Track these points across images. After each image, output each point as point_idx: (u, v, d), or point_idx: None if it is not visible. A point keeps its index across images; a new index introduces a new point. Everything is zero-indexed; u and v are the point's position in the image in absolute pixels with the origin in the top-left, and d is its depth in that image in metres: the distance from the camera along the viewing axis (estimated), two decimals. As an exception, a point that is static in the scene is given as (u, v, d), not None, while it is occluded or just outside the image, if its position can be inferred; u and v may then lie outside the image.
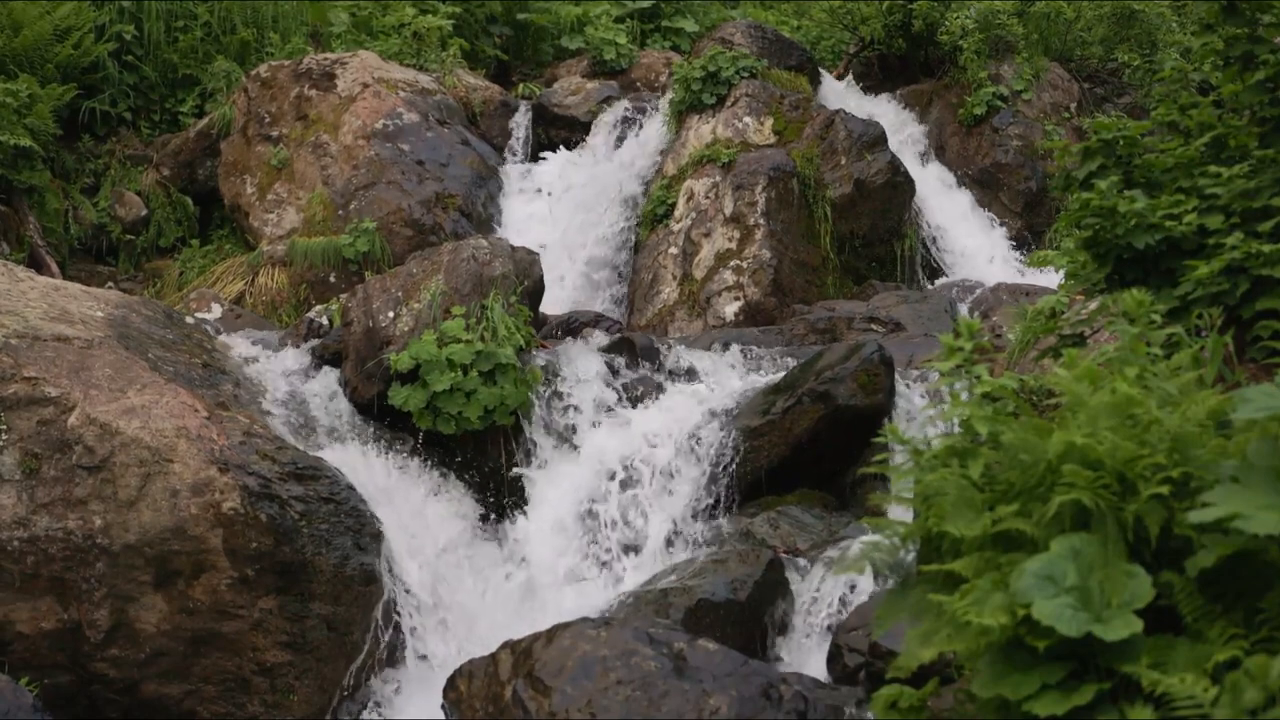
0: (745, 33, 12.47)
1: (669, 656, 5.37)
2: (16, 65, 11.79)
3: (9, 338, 6.71)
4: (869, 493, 7.10)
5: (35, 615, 6.36)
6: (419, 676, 6.90)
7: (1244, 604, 3.05)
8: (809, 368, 7.78)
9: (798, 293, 10.65)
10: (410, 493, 7.53)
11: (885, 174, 11.13)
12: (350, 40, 13.62)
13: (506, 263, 8.26)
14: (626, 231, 11.61)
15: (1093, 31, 13.38)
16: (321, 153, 11.69)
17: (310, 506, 6.68)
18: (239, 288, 11.05)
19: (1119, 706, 2.97)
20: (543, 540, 7.62)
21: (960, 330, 4.11)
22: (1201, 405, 3.37)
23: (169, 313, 8.09)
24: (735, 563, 6.66)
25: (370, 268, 10.60)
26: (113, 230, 11.97)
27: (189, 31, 12.95)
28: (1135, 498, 3.17)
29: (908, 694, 3.61)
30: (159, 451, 6.51)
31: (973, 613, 3.09)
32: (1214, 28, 5.67)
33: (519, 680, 5.48)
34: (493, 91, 13.14)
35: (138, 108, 12.85)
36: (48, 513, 6.39)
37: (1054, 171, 10.46)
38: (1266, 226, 4.97)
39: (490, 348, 7.71)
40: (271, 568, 6.53)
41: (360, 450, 7.53)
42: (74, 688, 6.45)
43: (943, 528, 3.36)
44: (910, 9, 13.07)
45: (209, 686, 6.54)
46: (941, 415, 3.89)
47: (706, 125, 11.54)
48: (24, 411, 6.50)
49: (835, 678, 5.81)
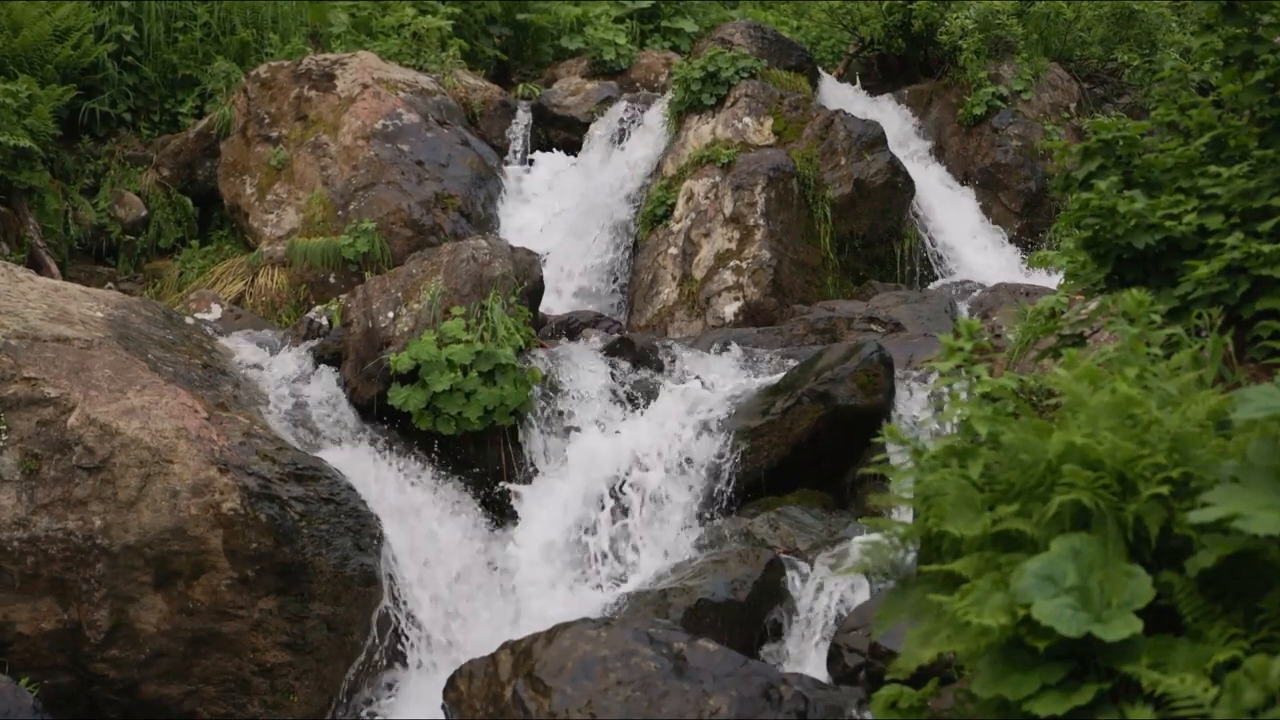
0: (745, 33, 12.47)
1: (669, 657, 5.37)
2: (16, 66, 11.79)
3: (9, 338, 6.71)
4: (869, 493, 7.09)
5: (35, 616, 6.36)
6: (419, 677, 6.90)
7: (1244, 604, 3.05)
8: (809, 368, 7.78)
9: (797, 293, 10.65)
10: (410, 493, 7.53)
11: (885, 174, 11.13)
12: (350, 41, 13.61)
13: (506, 263, 8.26)
14: (625, 233, 11.60)
15: (1092, 31, 13.39)
16: (321, 153, 11.69)
17: (310, 507, 6.68)
18: (239, 288, 11.05)
19: (1119, 707, 2.97)
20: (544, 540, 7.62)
21: (960, 330, 4.11)
22: (1201, 405, 3.37)
23: (169, 313, 8.09)
24: (735, 563, 6.66)
25: (370, 268, 10.60)
26: (112, 231, 11.97)
27: (188, 32, 12.95)
28: (1135, 498, 3.16)
29: (908, 694, 3.61)
30: (159, 452, 6.51)
31: (973, 613, 3.09)
32: (1213, 28, 5.67)
33: (519, 680, 5.48)
34: (492, 92, 13.14)
35: (137, 108, 12.84)
36: (48, 513, 6.38)
37: (1054, 171, 10.47)
38: (1266, 226, 4.97)
39: (490, 348, 7.71)
40: (271, 568, 6.53)
41: (360, 451, 7.53)
42: (74, 688, 6.45)
43: (943, 528, 3.36)
44: (910, 9, 13.08)
45: (209, 687, 6.54)
46: (940, 416, 3.89)
47: (706, 125, 11.54)
48: (24, 412, 6.50)
49: (835, 678, 5.81)
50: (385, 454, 7.59)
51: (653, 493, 7.58)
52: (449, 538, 7.51)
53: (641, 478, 7.63)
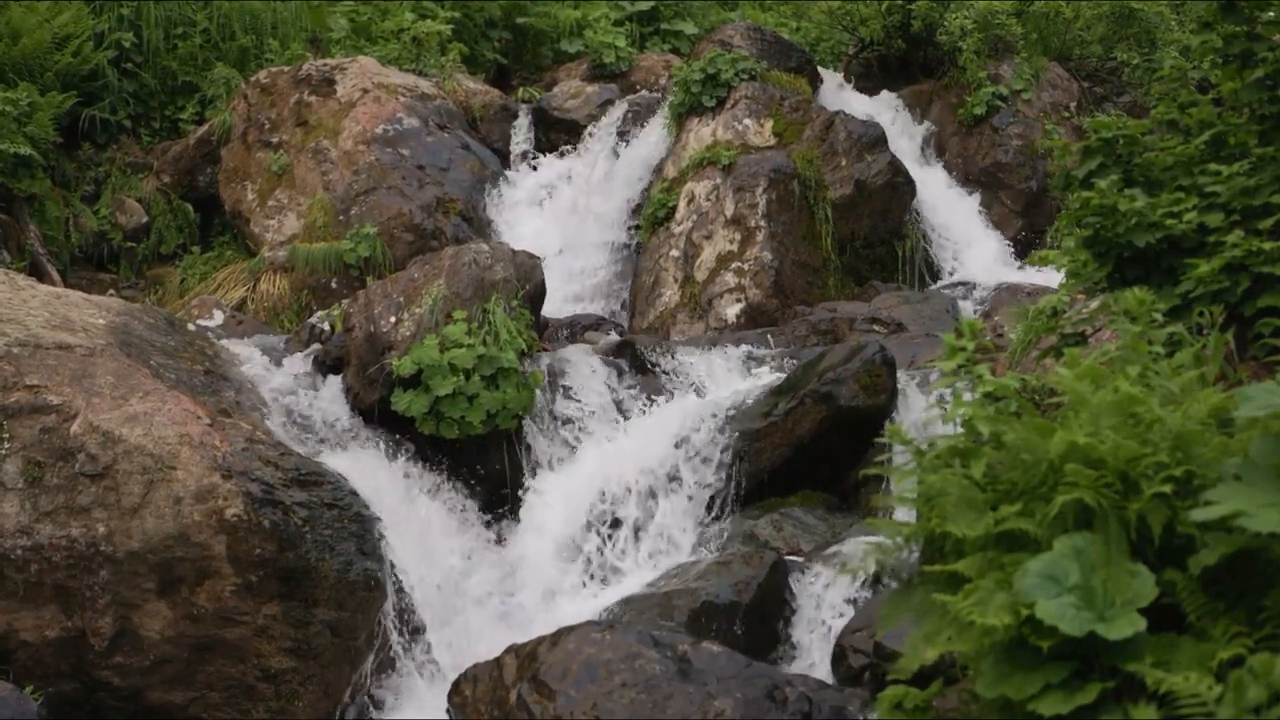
0: (744, 35, 12.47)
1: (673, 659, 5.37)
2: (16, 73, 11.79)
3: (11, 346, 6.71)
4: (872, 494, 7.10)
5: (39, 623, 6.36)
6: (423, 681, 6.90)
7: (1247, 602, 3.05)
8: (811, 369, 7.78)
9: (799, 294, 10.65)
10: (414, 498, 7.53)
11: (885, 175, 11.13)
12: (349, 46, 13.61)
13: (508, 267, 8.26)
14: (626, 235, 11.61)
15: (1092, 30, 13.38)
16: (322, 158, 11.70)
17: (313, 512, 6.68)
18: (240, 294, 11.06)
19: (1123, 705, 2.97)
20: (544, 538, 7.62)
21: (962, 330, 4.11)
22: (1203, 403, 3.37)
23: (170, 320, 8.10)
24: (739, 565, 6.66)
25: (371, 273, 10.60)
26: (114, 237, 11.97)
27: (188, 38, 12.95)
28: (1138, 496, 3.17)
29: (913, 694, 3.61)
30: (162, 458, 6.52)
31: (976, 613, 3.09)
32: (1213, 26, 5.67)
33: (524, 684, 5.48)
34: (493, 96, 13.14)
35: (137, 115, 12.84)
36: (51, 520, 6.39)
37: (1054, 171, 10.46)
38: (1267, 224, 4.98)
39: (492, 352, 7.71)
40: (275, 574, 6.53)
41: (362, 456, 7.53)
42: (78, 696, 6.45)
43: (945, 528, 3.36)
44: (909, 9, 13.07)
45: (213, 693, 6.54)
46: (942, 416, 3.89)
47: (706, 127, 11.54)
48: (26, 419, 6.50)
49: (840, 679, 5.81)
50: (388, 459, 7.59)
51: (656, 495, 7.57)
52: (452, 542, 7.51)
53: (645, 480, 7.63)
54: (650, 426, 7.92)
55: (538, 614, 7.18)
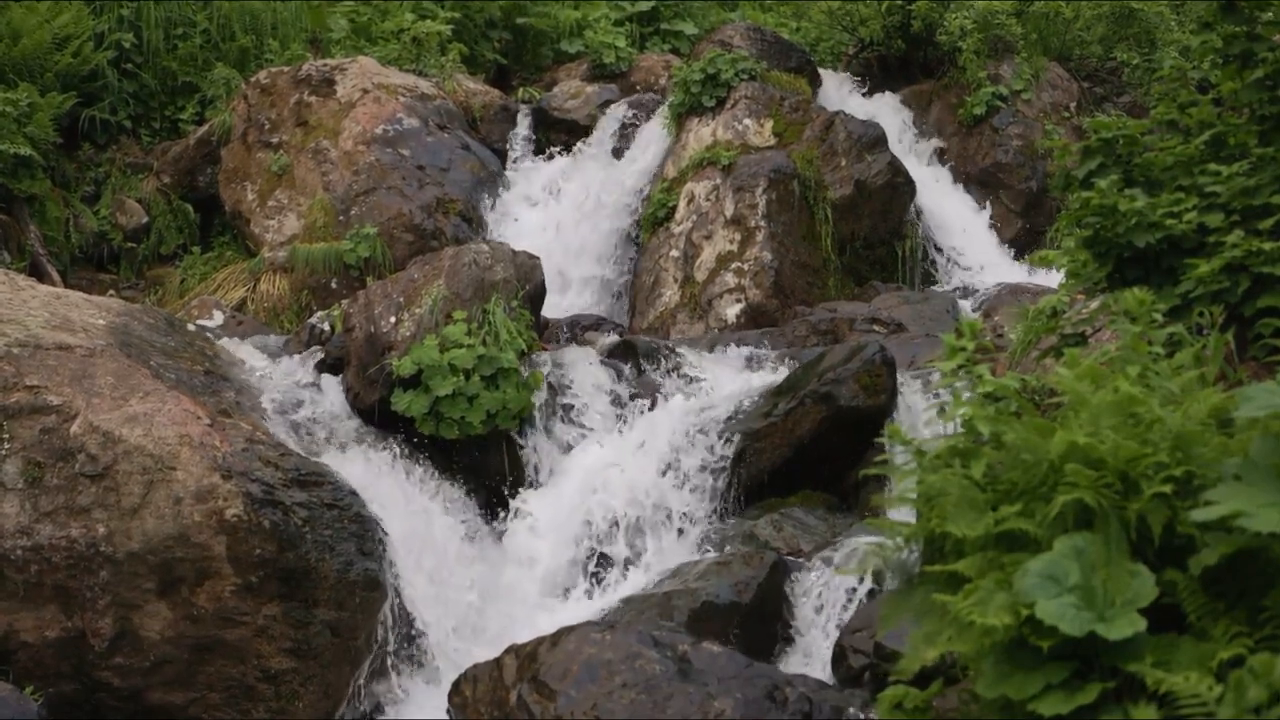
0: (744, 35, 12.47)
1: (673, 659, 5.37)
2: (16, 74, 11.79)
3: (11, 346, 6.71)
4: (872, 494, 7.10)
5: (39, 624, 6.36)
6: (423, 681, 6.90)
7: (1247, 602, 3.05)
8: (811, 369, 7.78)
9: (799, 294, 10.65)
10: (414, 498, 7.53)
11: (885, 175, 11.13)
12: (349, 46, 13.61)
13: (508, 267, 8.26)
14: (626, 235, 11.61)
15: (1092, 31, 13.39)
16: (322, 159, 11.70)
17: (314, 512, 6.68)
18: (240, 294, 11.06)
19: (1123, 705, 2.97)
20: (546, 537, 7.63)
21: (962, 330, 4.10)
22: (1203, 403, 3.37)
23: (170, 320, 8.10)
24: (739, 565, 6.66)
25: (372, 273, 10.60)
26: (114, 238, 11.97)
27: (188, 39, 12.95)
28: (1138, 496, 3.16)
29: (913, 695, 3.61)
30: (162, 459, 6.52)
31: (976, 613, 3.09)
32: (1212, 26, 5.67)
33: (524, 684, 5.48)
34: (493, 96, 13.14)
35: (138, 115, 12.84)
36: (51, 521, 6.39)
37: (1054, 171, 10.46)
38: (1267, 224, 4.97)
39: (492, 352, 7.72)
40: (275, 574, 6.53)
41: (363, 456, 7.53)
42: (78, 696, 6.45)
43: (945, 528, 3.36)
44: (909, 10, 13.07)
45: (213, 694, 6.54)
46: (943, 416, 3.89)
47: (706, 128, 11.53)
48: (26, 420, 6.50)
49: (840, 679, 5.81)
50: (388, 459, 7.59)
51: (655, 496, 7.57)
52: (452, 542, 7.51)
53: (645, 480, 7.63)
54: (649, 427, 7.91)
55: (538, 614, 7.18)
